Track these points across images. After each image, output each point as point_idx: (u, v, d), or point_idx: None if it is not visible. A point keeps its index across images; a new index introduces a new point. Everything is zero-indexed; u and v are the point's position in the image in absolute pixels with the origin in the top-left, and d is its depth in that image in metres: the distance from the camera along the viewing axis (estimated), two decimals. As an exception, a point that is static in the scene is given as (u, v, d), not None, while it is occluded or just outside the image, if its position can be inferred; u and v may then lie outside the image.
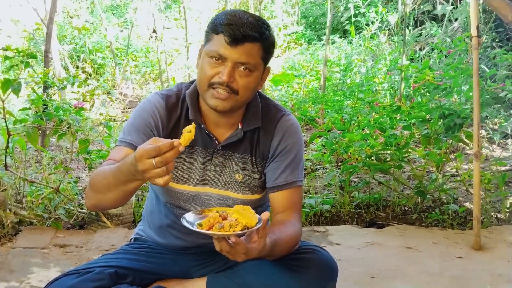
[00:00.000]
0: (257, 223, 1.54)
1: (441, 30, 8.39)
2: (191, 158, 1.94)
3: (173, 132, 1.94)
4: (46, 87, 4.16)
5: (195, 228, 1.55)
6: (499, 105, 3.74)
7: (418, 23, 9.12)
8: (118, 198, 1.69)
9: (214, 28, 1.77)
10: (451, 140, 3.71)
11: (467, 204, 3.81)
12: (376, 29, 8.68)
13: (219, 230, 1.52)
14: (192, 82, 1.98)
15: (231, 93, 1.78)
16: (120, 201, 1.72)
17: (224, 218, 1.56)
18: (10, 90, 3.09)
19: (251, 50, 1.76)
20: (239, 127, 1.93)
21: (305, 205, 3.61)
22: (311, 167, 4.67)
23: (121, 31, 10.04)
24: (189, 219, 1.61)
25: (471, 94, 3.42)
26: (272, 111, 1.98)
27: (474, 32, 2.93)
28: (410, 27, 8.71)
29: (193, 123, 1.53)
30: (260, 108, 1.96)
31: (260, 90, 2.00)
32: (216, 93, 1.78)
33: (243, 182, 1.95)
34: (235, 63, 1.76)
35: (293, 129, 1.97)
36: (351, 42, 8.91)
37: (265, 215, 1.55)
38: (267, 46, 1.82)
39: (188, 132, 1.49)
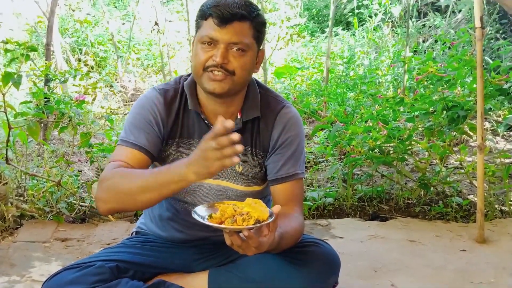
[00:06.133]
0: (269, 216, 1.52)
1: (444, 21, 8.35)
2: (190, 150, 1.92)
3: (174, 125, 1.93)
4: (47, 80, 4.14)
5: (206, 222, 1.53)
6: (503, 97, 3.71)
7: (422, 15, 9.08)
8: (151, 200, 1.69)
9: (202, 14, 1.78)
10: (455, 132, 3.69)
11: (470, 197, 3.79)
12: (379, 21, 8.64)
13: (232, 224, 1.50)
14: (190, 74, 1.96)
15: (227, 74, 1.77)
16: (151, 204, 1.74)
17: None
18: (10, 83, 3.08)
19: (241, 29, 1.76)
20: (238, 117, 1.92)
21: (307, 198, 3.60)
22: (314, 160, 4.65)
23: (123, 24, 10.01)
24: (200, 212, 1.59)
25: (474, 86, 3.39)
26: (272, 103, 1.97)
27: (477, 23, 2.90)
28: (413, 19, 8.68)
29: None
30: (259, 98, 1.95)
31: (262, 82, 1.98)
32: (212, 75, 1.77)
33: (243, 173, 1.94)
34: (227, 44, 1.75)
35: (294, 121, 1.95)
36: (354, 34, 8.87)
37: (277, 208, 1.54)
38: (258, 24, 1.81)
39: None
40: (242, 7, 1.75)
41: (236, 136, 1.45)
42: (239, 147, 1.46)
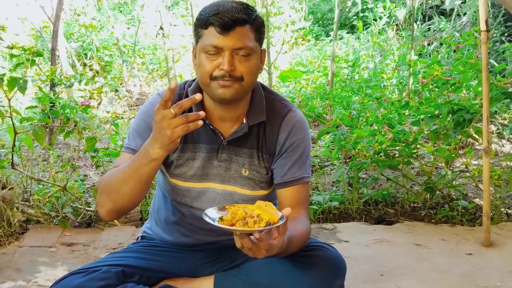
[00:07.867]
0: (279, 219, 1.52)
1: (449, 24, 8.34)
2: (197, 155, 1.92)
3: None
4: (53, 85, 4.15)
5: (217, 224, 1.53)
6: (509, 99, 3.70)
7: (427, 18, 9.07)
8: (133, 190, 1.71)
9: (202, 23, 1.77)
10: (460, 136, 3.68)
11: (476, 200, 3.78)
12: (384, 24, 8.63)
13: (243, 226, 1.50)
14: (194, 79, 1.96)
15: (235, 80, 1.77)
16: (136, 194, 1.73)
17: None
18: (16, 88, 3.09)
19: (244, 33, 1.75)
20: (244, 121, 1.91)
21: (313, 202, 3.59)
22: (319, 164, 4.65)
23: (128, 28, 10.03)
24: (211, 215, 1.59)
25: (480, 89, 3.38)
26: (277, 107, 1.96)
27: (483, 26, 2.90)
28: (418, 22, 8.66)
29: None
30: (264, 102, 1.94)
31: (268, 86, 1.98)
32: (221, 82, 1.76)
33: (250, 177, 1.94)
34: (232, 51, 1.75)
35: (300, 125, 1.95)
36: (359, 38, 8.87)
37: (287, 211, 1.54)
38: (258, 26, 1.81)
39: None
40: (241, 11, 1.74)
41: (198, 96, 1.54)
42: (201, 112, 1.55)
